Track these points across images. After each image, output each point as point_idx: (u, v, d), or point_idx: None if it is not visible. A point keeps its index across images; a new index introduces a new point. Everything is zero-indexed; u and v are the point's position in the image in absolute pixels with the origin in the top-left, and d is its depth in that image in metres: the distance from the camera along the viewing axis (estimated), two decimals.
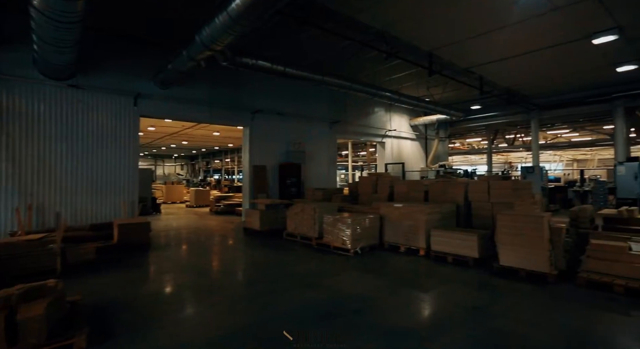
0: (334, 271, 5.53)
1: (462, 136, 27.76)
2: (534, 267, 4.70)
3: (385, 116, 16.28)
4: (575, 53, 9.92)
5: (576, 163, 30.67)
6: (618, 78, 12.37)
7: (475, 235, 5.49)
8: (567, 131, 22.96)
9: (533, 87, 13.96)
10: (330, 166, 13.83)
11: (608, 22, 8.02)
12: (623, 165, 11.59)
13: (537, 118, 16.13)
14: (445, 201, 7.27)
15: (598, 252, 4.45)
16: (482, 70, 11.52)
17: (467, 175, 16.75)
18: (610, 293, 4.19)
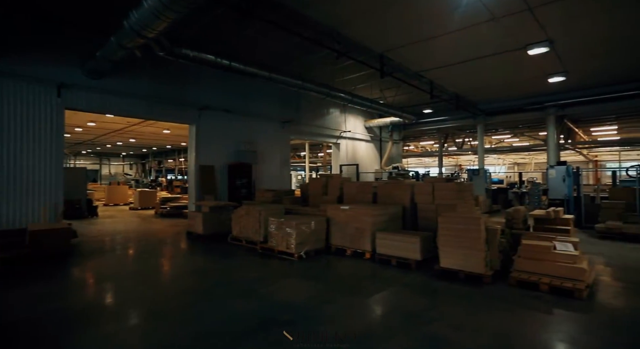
0: (274, 277, 5.25)
1: (416, 138, 28.72)
2: (471, 268, 4.75)
3: (340, 117, 16.29)
4: (513, 63, 10.49)
5: (517, 166, 33.04)
6: (550, 88, 13.36)
7: (418, 237, 5.49)
8: (509, 136, 24.59)
9: (478, 93, 14.67)
10: (284, 166, 13.52)
11: (541, 35, 8.53)
12: (554, 168, 12.47)
13: (483, 123, 17.02)
14: (393, 203, 7.27)
15: (527, 252, 4.60)
16: (431, 75, 11.85)
17: (417, 177, 17.24)
18: (537, 292, 4.32)
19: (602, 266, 5.71)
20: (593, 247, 7.14)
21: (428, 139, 27.24)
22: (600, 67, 11.04)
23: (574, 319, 3.65)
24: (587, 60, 10.29)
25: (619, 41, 8.90)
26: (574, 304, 3.98)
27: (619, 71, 11.46)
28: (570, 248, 4.51)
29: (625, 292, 4.46)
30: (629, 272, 5.39)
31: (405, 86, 12.25)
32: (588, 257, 5.50)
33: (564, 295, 4.17)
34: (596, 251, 6.82)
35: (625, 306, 3.96)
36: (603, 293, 4.39)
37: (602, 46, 9.26)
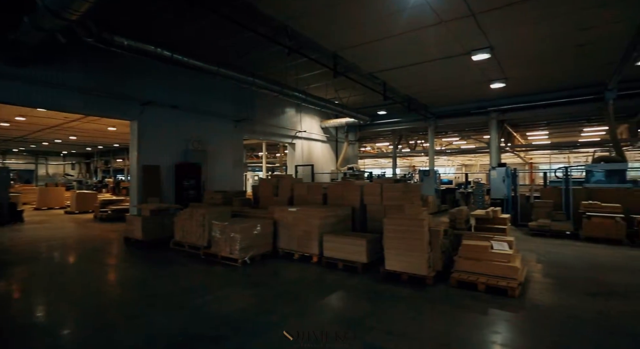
0: (213, 286, 4.91)
1: (372, 140, 29.33)
2: (415, 270, 4.77)
3: (296, 116, 16.09)
4: (459, 67, 10.95)
5: (464, 167, 34.99)
6: (492, 93, 14.18)
7: (364, 239, 5.44)
8: (457, 139, 25.95)
9: (429, 96, 15.20)
10: (236, 166, 13.02)
11: (483, 41, 8.95)
12: (495, 170, 13.28)
13: (433, 125, 17.70)
14: (343, 205, 7.21)
15: (467, 252, 4.71)
16: (384, 76, 12.03)
17: (371, 178, 17.51)
18: (475, 291, 4.43)
19: (534, 263, 6.06)
20: (526, 244, 7.61)
21: (383, 141, 27.93)
22: (534, 75, 11.88)
23: (507, 319, 3.75)
24: (523, 67, 11.00)
25: (552, 51, 9.59)
26: (507, 302, 4.11)
27: (551, 80, 12.43)
28: (505, 247, 4.68)
29: (552, 288, 4.71)
30: (555, 267, 5.75)
31: (360, 87, 12.33)
32: (521, 255, 5.79)
33: (499, 294, 4.30)
34: (528, 247, 7.26)
35: (553, 303, 4.16)
36: (533, 289, 4.60)
37: (536, 55, 9.94)
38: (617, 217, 7.72)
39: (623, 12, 7.22)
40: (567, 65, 10.64)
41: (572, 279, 5.11)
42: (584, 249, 7.20)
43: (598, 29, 8.14)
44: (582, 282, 4.94)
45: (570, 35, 8.59)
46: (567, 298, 4.31)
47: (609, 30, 8.08)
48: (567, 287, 4.73)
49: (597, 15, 7.47)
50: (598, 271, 5.51)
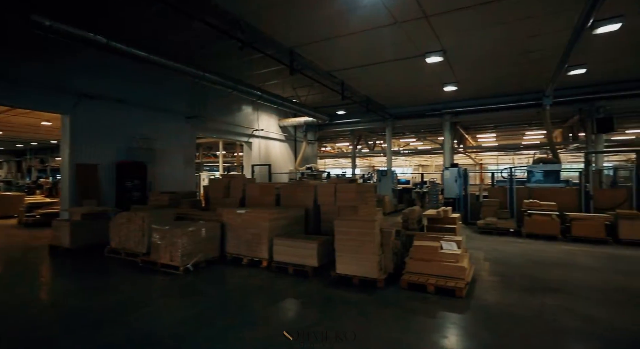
0: (148, 298, 4.42)
1: (332, 139, 29.40)
2: (366, 273, 4.64)
3: (253, 114, 15.57)
4: (415, 69, 11.14)
5: (421, 168, 36.28)
6: (446, 96, 14.69)
7: (315, 242, 5.22)
8: (414, 140, 26.77)
9: (386, 97, 15.41)
10: (188, 166, 12.28)
11: (436, 44, 9.14)
12: (448, 170, 13.77)
13: (391, 126, 18.01)
14: (297, 206, 6.96)
15: (418, 253, 4.67)
16: (343, 75, 11.95)
17: (328, 178, 17.43)
18: (424, 293, 4.38)
19: (481, 260, 6.22)
20: (475, 242, 7.85)
21: (343, 141, 28.10)
22: (484, 80, 12.43)
23: (454, 321, 3.71)
24: (473, 72, 11.45)
25: (498, 57, 10.03)
26: (454, 303, 4.09)
27: (499, 85, 13.08)
28: (454, 247, 4.69)
29: (496, 286, 4.80)
30: (499, 265, 5.93)
31: (318, 86, 12.15)
32: (469, 254, 5.90)
33: (447, 294, 4.28)
34: (476, 245, 7.49)
35: (496, 301, 4.20)
36: (480, 288, 4.66)
37: (485, 60, 10.36)
38: (553, 215, 8.22)
39: (556, 23, 7.67)
40: (512, 71, 11.22)
41: (514, 275, 5.26)
42: (525, 245, 7.55)
43: (539, 38, 8.61)
44: (522, 279, 5.10)
45: (514, 43, 9.02)
46: (509, 295, 4.39)
47: (548, 40, 8.58)
48: (509, 284, 4.84)
49: (538, 24, 7.89)
50: (536, 267, 5.74)
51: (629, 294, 4.49)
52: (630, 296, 4.44)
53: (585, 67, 10.47)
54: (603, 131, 12.30)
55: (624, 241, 7.65)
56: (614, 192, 9.25)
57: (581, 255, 6.66)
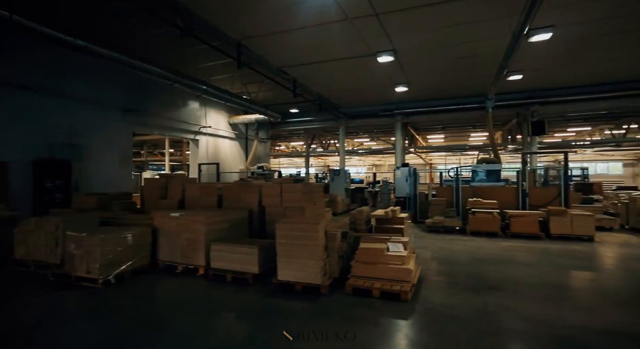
0: (52, 320, 3.72)
1: (286, 138, 28.93)
2: (309, 279, 4.33)
3: (200, 110, 14.65)
4: (367, 69, 11.10)
5: (375, 167, 37.08)
6: (398, 97, 14.93)
7: (256, 247, 4.81)
8: (368, 140, 27.21)
9: (340, 96, 15.31)
10: (124, 164, 11.17)
11: (387, 44, 9.13)
12: (399, 169, 14.01)
13: (344, 126, 17.99)
14: (240, 207, 6.48)
15: (363, 256, 4.46)
16: (294, 72, 11.60)
17: (280, 176, 17.02)
18: (370, 298, 4.17)
19: (428, 260, 6.21)
20: (422, 241, 7.93)
21: (298, 140, 27.79)
22: (433, 82, 12.76)
23: (398, 329, 3.51)
24: (423, 73, 11.68)
25: (446, 59, 10.28)
26: (400, 308, 3.92)
27: (447, 87, 13.51)
28: (400, 249, 4.55)
29: (441, 286, 4.75)
30: (445, 264, 5.94)
31: (269, 82, 11.67)
32: (416, 254, 5.85)
33: (393, 299, 4.10)
34: (424, 244, 7.55)
35: (441, 303, 4.10)
36: (425, 289, 4.55)
37: (434, 62, 10.59)
38: (494, 213, 8.57)
39: (497, 29, 7.97)
40: (459, 74, 11.61)
41: (459, 274, 5.27)
42: (469, 243, 7.76)
43: (482, 43, 8.93)
44: (466, 277, 5.12)
45: (460, 47, 9.28)
46: (453, 296, 4.33)
47: (490, 45, 8.92)
48: (454, 284, 4.82)
49: (482, 29, 8.15)
50: (479, 265, 5.84)
51: (560, 290, 4.64)
52: (561, 291, 4.59)
53: (522, 74, 11.13)
54: (537, 134, 13.25)
55: (554, 236, 8.15)
56: (545, 190, 9.90)
57: (519, 251, 6.94)
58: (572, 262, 6.14)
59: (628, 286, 4.86)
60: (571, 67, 10.83)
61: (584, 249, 7.11)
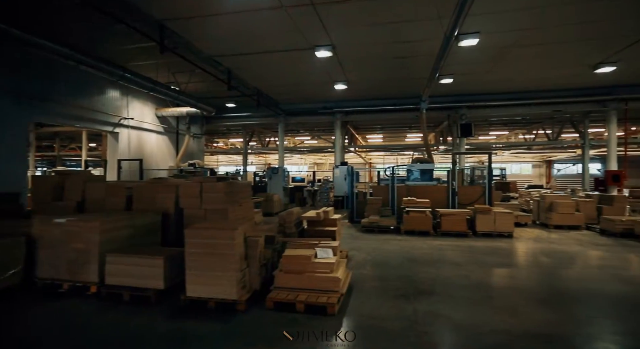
0: None
1: (224, 134, 27.46)
2: (224, 295, 3.72)
3: (121, 100, 12.97)
4: (305, 64, 10.67)
5: (316, 166, 37.04)
6: (337, 95, 14.78)
7: (161, 258, 4.05)
8: (309, 138, 26.93)
9: (279, 92, 14.69)
10: (18, 160, 9.33)
11: (325, 38, 8.77)
12: (338, 168, 13.88)
13: (284, 122, 17.44)
14: (154, 209, 5.59)
15: (289, 264, 3.97)
16: (229, 63, 10.74)
17: (214, 175, 15.94)
18: (294, 313, 3.67)
19: (360, 263, 5.95)
20: (357, 242, 7.72)
21: (237, 136, 26.49)
22: (371, 81, 12.78)
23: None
24: (361, 72, 11.59)
25: (383, 59, 10.25)
26: (325, 324, 3.47)
27: (385, 88, 13.64)
28: (330, 254, 4.15)
29: (373, 292, 4.46)
30: (377, 267, 5.71)
31: (201, 72, 10.65)
32: (348, 258, 5.54)
33: (319, 312, 3.66)
34: (358, 245, 7.33)
35: (369, 314, 3.75)
36: (355, 299, 4.19)
37: (372, 61, 10.51)
38: (427, 212, 8.71)
39: (431, 30, 8.05)
40: (396, 74, 11.72)
41: (390, 278, 5.06)
42: (402, 243, 7.73)
43: (418, 44, 9.01)
44: (398, 281, 4.91)
45: (397, 46, 9.28)
46: (383, 304, 4.02)
47: (425, 46, 9.04)
48: (385, 290, 4.56)
49: (417, 30, 8.18)
50: (411, 266, 5.73)
51: (486, 290, 4.64)
52: (486, 291, 4.58)
53: (452, 77, 11.60)
54: (465, 135, 14.03)
55: (480, 233, 8.51)
56: (472, 189, 10.40)
57: (449, 249, 7.04)
58: (495, 259, 6.33)
59: (543, 282, 5.04)
60: (494, 75, 11.55)
61: (505, 246, 7.46)
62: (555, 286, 4.83)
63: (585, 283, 4.96)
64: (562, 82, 12.56)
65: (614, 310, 4.04)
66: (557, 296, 4.45)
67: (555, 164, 34.55)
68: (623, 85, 12.84)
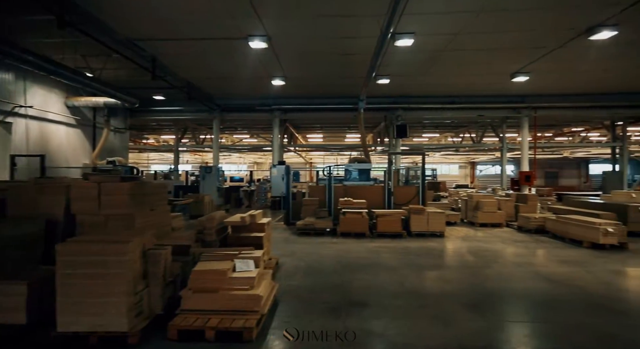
0: None
1: (155, 130, 25.13)
2: (111, 326, 2.93)
3: (15, 84, 10.86)
4: (240, 55, 9.88)
5: (256, 165, 35.90)
6: (276, 92, 14.16)
7: (24, 284, 3.11)
8: (248, 136, 25.84)
9: (212, 85, 13.64)
10: None
11: (260, 28, 8.13)
12: (276, 167, 13.30)
13: (219, 118, 16.31)
14: (36, 216, 4.48)
15: (200, 281, 3.31)
16: (153, 49, 9.55)
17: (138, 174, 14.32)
18: (203, 343, 3.03)
19: (292, 270, 5.47)
20: (290, 247, 7.24)
21: (171, 133, 24.34)
22: (310, 79, 12.39)
23: None
24: (299, 67, 11.13)
25: (321, 55, 9.89)
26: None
27: (324, 86, 13.33)
28: (251, 267, 3.58)
29: (300, 308, 3.97)
30: (309, 275, 5.27)
31: (121, 59, 9.27)
32: (276, 268, 5.03)
33: (233, 339, 3.06)
34: (291, 250, 6.86)
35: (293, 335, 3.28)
36: (279, 318, 3.64)
37: (309, 56, 10.10)
38: (363, 212, 8.55)
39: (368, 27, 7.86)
40: (334, 72, 11.47)
41: (322, 289, 4.64)
42: (338, 246, 7.42)
43: (355, 41, 8.78)
44: (330, 292, 4.50)
45: (334, 42, 8.97)
46: (311, 323, 3.52)
47: (362, 44, 8.83)
48: (314, 303, 4.10)
49: (354, 25, 7.93)
50: (345, 273, 5.39)
51: (419, 298, 4.39)
52: (420, 299, 4.34)
53: (389, 78, 11.69)
54: (400, 136, 14.38)
55: (414, 233, 8.57)
56: (407, 189, 10.57)
57: (384, 252, 6.88)
58: (429, 261, 6.29)
59: (474, 284, 5.01)
60: (428, 77, 11.89)
61: (438, 246, 7.55)
62: (485, 288, 4.82)
63: (511, 283, 5.06)
64: (485, 89, 13.44)
65: (539, 312, 4.07)
66: (488, 299, 4.41)
67: (478, 166, 37.88)
68: (534, 95, 14.19)
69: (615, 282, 5.21)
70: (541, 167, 27.47)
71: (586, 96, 13.94)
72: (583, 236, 7.43)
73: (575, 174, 35.47)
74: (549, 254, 6.91)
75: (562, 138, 23.53)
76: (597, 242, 7.07)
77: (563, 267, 5.86)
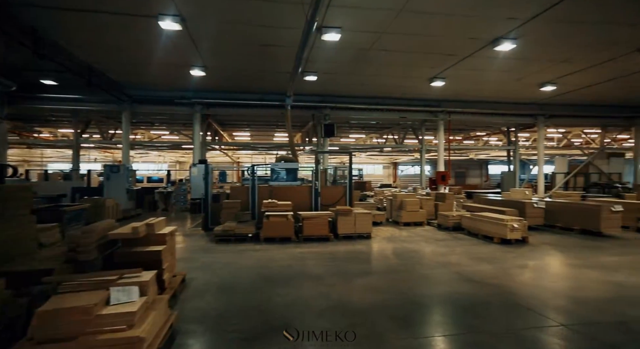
0: None
1: (50, 122, 21.26)
2: None
3: None
4: (150, 36, 8.46)
5: (178, 164, 33.06)
6: (197, 85, 12.83)
7: None
8: (168, 133, 23.47)
9: (120, 71, 11.70)
10: None
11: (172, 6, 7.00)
12: (196, 167, 12.00)
13: (130, 111, 14.29)
14: None
15: (49, 325, 2.36)
16: (35, 19, 7.70)
17: (15, 174, 11.80)
18: None
19: (202, 289, 4.65)
20: (204, 258, 6.34)
21: (71, 126, 20.77)
22: (234, 71, 11.40)
23: None
24: (220, 57, 10.13)
25: (243, 44, 9.05)
26: None
27: (250, 80, 12.39)
28: (133, 297, 2.73)
29: (208, 342, 3.27)
30: (222, 293, 4.53)
31: None
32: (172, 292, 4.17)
33: None
34: (203, 262, 5.99)
35: None
36: None
37: (230, 45, 9.19)
38: (289, 215, 7.97)
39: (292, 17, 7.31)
40: (259, 65, 10.68)
41: (235, 313, 3.91)
42: (260, 254, 6.74)
43: (279, 31, 8.15)
44: (244, 316, 3.81)
45: (261, 31, 8.21)
46: None
47: (286, 35, 8.25)
48: (223, 334, 3.37)
49: (277, 13, 7.31)
50: (265, 288, 4.76)
51: (347, 314, 3.93)
52: (350, 317, 3.85)
53: (316, 75, 11.31)
54: (328, 136, 14.20)
55: (341, 236, 8.28)
56: (335, 189, 10.31)
57: (310, 259, 6.39)
58: (356, 267, 5.96)
59: (401, 293, 4.64)
60: (355, 77, 11.81)
61: (365, 249, 7.34)
62: (414, 295, 4.57)
63: (437, 287, 4.96)
64: (407, 92, 13.95)
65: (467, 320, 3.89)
66: (417, 309, 4.16)
67: (400, 166, 40.28)
68: (449, 100, 15.22)
69: (527, 277, 5.48)
70: (452, 168, 30.31)
71: (489, 103, 15.41)
72: (494, 232, 7.92)
73: (478, 174, 39.88)
74: (466, 252, 7.14)
75: (469, 141, 26.05)
76: (506, 237, 7.57)
77: (481, 265, 6.02)
